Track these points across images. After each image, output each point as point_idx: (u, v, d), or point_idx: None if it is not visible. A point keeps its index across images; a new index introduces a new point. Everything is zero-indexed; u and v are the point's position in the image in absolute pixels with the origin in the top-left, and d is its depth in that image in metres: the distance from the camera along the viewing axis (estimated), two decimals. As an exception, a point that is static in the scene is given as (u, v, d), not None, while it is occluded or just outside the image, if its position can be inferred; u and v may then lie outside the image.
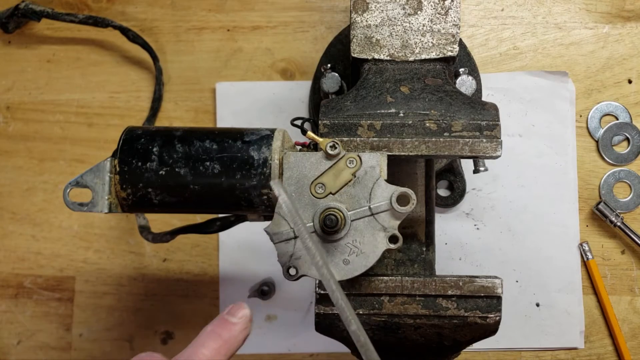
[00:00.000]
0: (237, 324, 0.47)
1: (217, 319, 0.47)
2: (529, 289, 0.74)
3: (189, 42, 0.78)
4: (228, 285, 0.76)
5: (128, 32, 0.76)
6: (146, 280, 0.77)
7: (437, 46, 0.57)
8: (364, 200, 0.50)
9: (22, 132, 0.79)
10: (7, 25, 0.78)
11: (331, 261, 0.50)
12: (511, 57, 0.76)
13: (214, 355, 0.45)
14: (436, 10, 0.57)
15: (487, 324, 0.53)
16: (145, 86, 0.79)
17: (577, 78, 0.76)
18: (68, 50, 0.80)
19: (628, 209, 0.74)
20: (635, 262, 0.74)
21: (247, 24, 0.78)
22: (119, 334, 0.76)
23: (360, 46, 0.58)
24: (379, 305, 0.53)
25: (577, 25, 0.76)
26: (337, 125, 0.52)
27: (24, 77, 0.80)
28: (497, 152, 0.51)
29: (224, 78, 0.78)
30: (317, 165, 0.50)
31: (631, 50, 0.76)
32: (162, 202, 0.52)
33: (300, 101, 0.77)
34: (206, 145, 0.51)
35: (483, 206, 0.75)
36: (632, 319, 0.74)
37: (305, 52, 0.78)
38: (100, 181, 0.51)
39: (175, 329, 0.76)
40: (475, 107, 0.53)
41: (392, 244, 0.49)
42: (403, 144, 0.51)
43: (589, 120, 0.75)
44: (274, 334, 0.75)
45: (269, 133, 0.52)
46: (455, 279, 0.53)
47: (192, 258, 0.77)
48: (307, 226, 0.44)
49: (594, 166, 0.75)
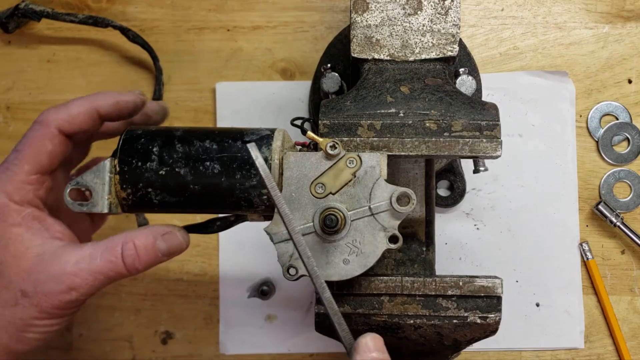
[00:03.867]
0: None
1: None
2: (529, 289, 0.74)
3: (189, 42, 0.78)
4: (228, 285, 0.76)
5: (128, 32, 0.76)
6: (146, 280, 0.77)
7: (437, 46, 0.57)
8: (364, 200, 0.50)
9: (22, 132, 0.78)
10: (7, 25, 0.78)
11: (331, 261, 0.50)
12: (511, 57, 0.76)
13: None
14: (436, 10, 0.58)
15: (487, 324, 0.53)
16: (145, 86, 0.79)
17: (577, 78, 0.76)
18: (68, 50, 0.80)
19: (628, 209, 0.74)
20: (635, 262, 0.74)
21: (247, 24, 0.78)
22: (119, 334, 0.76)
23: (360, 46, 0.58)
24: (379, 305, 0.53)
25: (577, 25, 0.76)
26: (337, 125, 0.52)
27: (24, 77, 0.79)
28: (497, 152, 0.51)
29: (224, 78, 0.78)
30: (317, 165, 0.50)
31: (631, 50, 0.76)
32: (162, 202, 0.52)
33: (300, 101, 0.77)
34: (206, 145, 0.51)
35: (483, 206, 0.75)
36: (632, 319, 0.74)
37: (305, 52, 0.78)
38: (100, 181, 0.51)
39: (175, 329, 0.76)
40: (475, 107, 0.53)
41: (392, 244, 0.49)
42: (403, 144, 0.51)
43: (589, 120, 0.75)
44: (274, 334, 0.75)
45: (269, 133, 0.52)
46: (455, 279, 0.53)
47: (192, 258, 0.77)
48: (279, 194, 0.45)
49: (594, 166, 0.75)
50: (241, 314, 0.75)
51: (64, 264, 0.47)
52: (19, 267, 0.47)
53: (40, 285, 0.46)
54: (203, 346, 0.76)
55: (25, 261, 0.47)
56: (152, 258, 0.49)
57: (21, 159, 0.48)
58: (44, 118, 0.49)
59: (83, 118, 0.49)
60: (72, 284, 0.47)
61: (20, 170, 0.48)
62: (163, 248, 0.49)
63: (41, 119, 0.49)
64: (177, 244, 0.50)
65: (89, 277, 0.47)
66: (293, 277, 0.50)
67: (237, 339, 0.75)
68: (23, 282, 0.46)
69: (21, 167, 0.48)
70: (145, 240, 0.49)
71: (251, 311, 0.75)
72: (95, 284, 0.48)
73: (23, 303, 0.46)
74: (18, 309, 0.47)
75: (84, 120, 0.49)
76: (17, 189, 0.48)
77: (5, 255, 0.47)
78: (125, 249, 0.48)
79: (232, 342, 0.75)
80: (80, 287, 0.47)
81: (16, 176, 0.48)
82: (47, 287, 0.46)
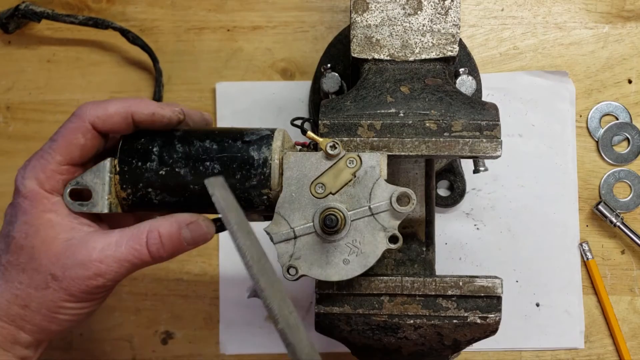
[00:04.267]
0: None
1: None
2: (529, 289, 0.74)
3: (189, 42, 0.78)
4: (228, 285, 0.76)
5: (128, 34, 0.76)
6: (146, 280, 0.77)
7: (437, 46, 0.57)
8: (364, 200, 0.50)
9: (22, 132, 0.79)
10: (7, 26, 0.78)
11: (331, 261, 0.50)
12: (511, 57, 0.76)
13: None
14: (436, 10, 0.58)
15: (487, 324, 0.53)
16: (145, 86, 0.79)
17: (577, 78, 0.76)
18: (68, 51, 0.80)
19: (628, 209, 0.74)
20: (635, 262, 0.74)
21: (247, 24, 0.78)
22: (119, 334, 0.76)
23: (360, 46, 0.58)
24: (379, 305, 0.53)
25: (577, 25, 0.76)
26: (337, 125, 0.52)
27: (24, 77, 0.79)
28: (497, 152, 0.51)
29: (224, 78, 0.78)
30: (317, 165, 0.50)
31: (631, 50, 0.76)
32: (162, 202, 0.52)
33: (300, 101, 0.77)
34: (206, 145, 0.51)
35: (483, 206, 0.75)
36: (632, 319, 0.74)
37: (305, 52, 0.78)
38: (100, 181, 0.51)
39: (175, 329, 0.76)
40: (475, 107, 0.53)
41: (392, 244, 0.49)
42: (403, 144, 0.51)
43: (589, 120, 0.75)
44: (274, 334, 0.75)
45: (269, 133, 0.52)
46: (455, 279, 0.53)
47: (192, 258, 0.77)
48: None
49: (594, 166, 0.75)
50: (241, 314, 0.75)
51: (90, 250, 0.48)
52: (49, 252, 0.48)
53: (68, 270, 0.48)
54: (203, 346, 0.76)
55: (55, 246, 0.49)
56: (176, 247, 0.50)
57: (55, 149, 0.50)
58: (80, 111, 0.50)
59: (117, 119, 0.50)
60: (97, 270, 0.48)
61: (52, 159, 0.50)
62: (188, 237, 0.50)
63: (78, 112, 0.50)
64: (201, 233, 0.51)
65: (114, 264, 0.49)
66: (293, 277, 0.50)
67: (237, 339, 0.75)
68: (53, 266, 0.48)
69: (54, 157, 0.50)
70: (170, 229, 0.50)
71: (251, 311, 0.75)
72: (120, 270, 0.49)
73: (53, 286, 0.48)
74: (49, 292, 0.49)
75: (117, 122, 0.50)
76: (49, 177, 0.49)
77: (36, 240, 0.49)
78: (150, 237, 0.49)
79: (232, 342, 0.75)
80: (106, 273, 0.48)
81: (49, 165, 0.49)
82: (75, 272, 0.48)
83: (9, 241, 0.49)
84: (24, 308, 0.49)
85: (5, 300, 0.49)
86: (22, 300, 0.49)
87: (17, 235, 0.49)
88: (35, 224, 0.49)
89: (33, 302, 0.49)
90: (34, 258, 0.49)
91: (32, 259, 0.49)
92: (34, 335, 0.50)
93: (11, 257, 0.49)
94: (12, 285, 0.49)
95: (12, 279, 0.49)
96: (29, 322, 0.49)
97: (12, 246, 0.49)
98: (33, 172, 0.49)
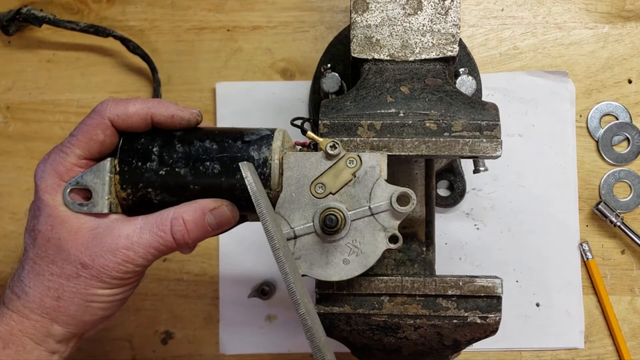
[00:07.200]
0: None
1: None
2: (529, 289, 0.74)
3: (189, 42, 0.78)
4: (228, 285, 0.76)
5: (129, 43, 0.76)
6: (146, 280, 0.77)
7: (437, 46, 0.57)
8: (364, 200, 0.50)
9: (22, 132, 0.79)
10: (8, 29, 0.78)
11: (331, 261, 0.50)
12: (511, 57, 0.76)
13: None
14: (436, 10, 0.57)
15: (487, 324, 0.53)
16: (145, 86, 0.79)
17: (577, 78, 0.76)
18: (68, 51, 0.80)
19: (628, 209, 0.74)
20: (635, 262, 0.74)
21: (247, 24, 0.78)
22: (119, 334, 0.76)
23: (360, 46, 0.58)
24: (379, 305, 0.53)
25: (577, 25, 0.76)
26: (337, 125, 0.52)
27: (24, 77, 0.79)
28: (497, 152, 0.51)
29: (224, 78, 0.78)
30: (317, 165, 0.50)
31: (631, 50, 0.76)
32: (162, 202, 0.52)
33: (300, 101, 0.77)
34: (206, 145, 0.51)
35: (483, 206, 0.75)
36: (632, 319, 0.74)
37: (305, 52, 0.78)
38: (100, 181, 0.51)
39: (175, 329, 0.76)
40: (475, 107, 0.53)
41: (392, 244, 0.49)
42: (403, 144, 0.51)
43: (589, 120, 0.75)
44: (274, 334, 0.75)
45: (269, 133, 0.52)
46: (455, 279, 0.53)
47: (192, 258, 0.77)
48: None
49: (594, 166, 0.75)
50: (241, 314, 0.75)
51: (116, 237, 0.49)
52: (77, 241, 0.49)
53: (97, 258, 0.49)
54: (203, 346, 0.76)
55: (82, 235, 0.50)
56: (201, 232, 0.51)
57: (74, 143, 0.51)
58: (101, 108, 0.51)
59: (137, 119, 0.51)
60: (125, 257, 0.49)
61: (72, 153, 0.51)
62: (212, 222, 0.51)
63: (98, 108, 0.51)
64: (225, 218, 0.51)
65: (140, 250, 0.50)
66: (293, 277, 0.50)
67: (237, 339, 0.75)
68: (82, 254, 0.49)
69: (73, 151, 0.51)
70: (194, 215, 0.50)
71: (251, 311, 0.75)
72: (147, 257, 0.50)
73: (84, 274, 0.49)
74: (80, 280, 0.49)
75: (136, 121, 0.51)
76: (68, 169, 0.51)
77: (63, 231, 0.50)
78: (174, 224, 0.50)
79: (232, 342, 0.75)
80: (133, 260, 0.50)
81: (68, 158, 0.51)
82: (103, 260, 0.49)
83: (34, 235, 0.50)
84: (57, 299, 0.49)
85: (38, 293, 0.50)
86: (54, 292, 0.49)
87: (42, 228, 0.50)
88: (60, 215, 0.50)
89: (66, 292, 0.49)
90: (62, 249, 0.49)
91: (60, 249, 0.49)
92: (67, 327, 0.51)
93: (39, 250, 0.50)
94: (44, 277, 0.50)
95: (43, 272, 0.50)
96: (63, 313, 0.50)
97: (39, 239, 0.50)
98: (53, 165, 0.51)
